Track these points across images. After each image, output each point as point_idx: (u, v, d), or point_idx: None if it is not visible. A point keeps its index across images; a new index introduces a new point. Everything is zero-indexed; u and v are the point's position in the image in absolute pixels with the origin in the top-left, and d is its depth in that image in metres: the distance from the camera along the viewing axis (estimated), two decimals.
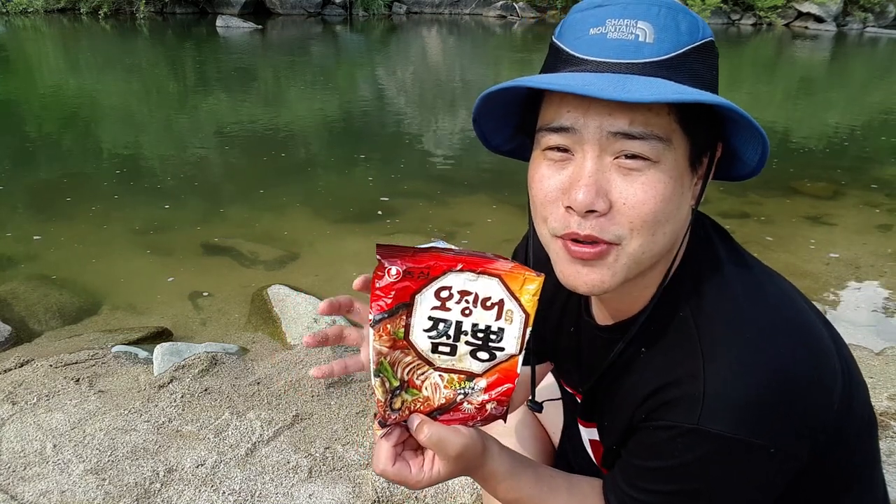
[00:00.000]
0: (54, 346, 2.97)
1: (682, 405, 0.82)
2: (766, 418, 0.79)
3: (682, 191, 0.82)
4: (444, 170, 5.98)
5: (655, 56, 0.76)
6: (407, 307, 0.80)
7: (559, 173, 0.82)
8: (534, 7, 25.03)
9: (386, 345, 0.81)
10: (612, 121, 0.76)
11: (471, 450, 0.85)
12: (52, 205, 4.79)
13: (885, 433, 2.29)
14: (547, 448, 1.43)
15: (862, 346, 3.05)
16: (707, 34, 0.81)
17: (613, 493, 0.94)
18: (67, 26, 18.25)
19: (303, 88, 10.69)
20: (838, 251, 4.37)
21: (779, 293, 0.89)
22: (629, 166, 0.78)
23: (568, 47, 0.81)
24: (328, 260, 3.99)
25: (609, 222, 0.80)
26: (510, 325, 0.81)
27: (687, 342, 0.85)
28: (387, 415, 0.84)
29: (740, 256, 0.92)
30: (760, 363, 0.80)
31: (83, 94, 9.27)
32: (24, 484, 1.94)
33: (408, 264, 0.79)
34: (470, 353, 0.82)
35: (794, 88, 12.55)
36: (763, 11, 25.24)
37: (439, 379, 0.84)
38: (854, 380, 0.91)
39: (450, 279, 0.79)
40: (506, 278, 0.79)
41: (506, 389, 0.84)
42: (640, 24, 0.77)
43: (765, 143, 0.80)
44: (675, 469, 0.84)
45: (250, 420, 2.26)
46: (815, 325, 0.87)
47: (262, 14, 21.54)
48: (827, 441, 0.85)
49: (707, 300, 0.86)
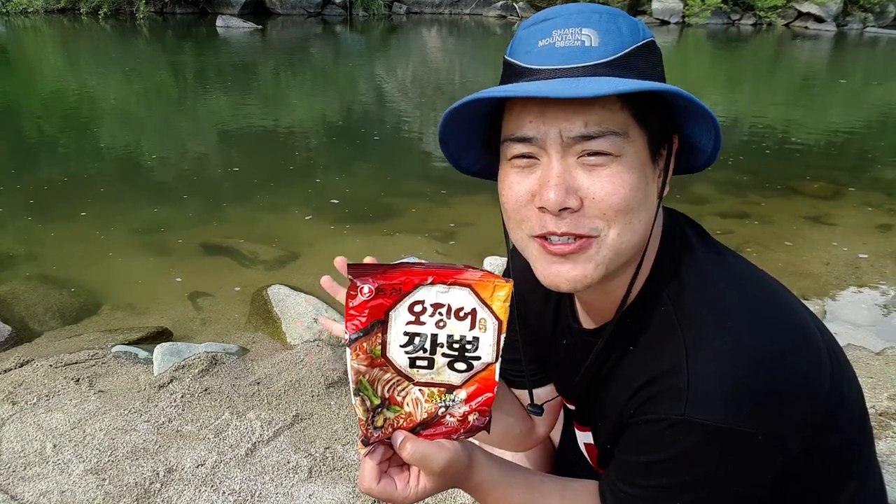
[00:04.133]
0: (54, 346, 2.97)
1: (667, 398, 0.83)
2: (751, 406, 0.79)
3: (646, 180, 0.84)
4: (444, 170, 5.98)
5: (602, 58, 0.80)
6: (382, 324, 0.81)
7: (527, 178, 0.84)
8: (534, 7, 25.02)
9: (364, 363, 0.82)
10: (569, 126, 0.79)
11: (455, 463, 0.86)
12: (53, 205, 4.79)
13: (885, 433, 2.29)
14: (547, 449, 1.43)
15: (862, 347, 3.05)
16: (647, 35, 0.84)
17: (609, 491, 0.94)
18: (67, 26, 18.25)
19: (303, 88, 10.69)
20: (838, 251, 4.37)
21: (758, 284, 0.90)
22: (592, 163, 0.81)
23: (519, 61, 0.84)
24: (328, 260, 3.94)
25: (583, 217, 0.82)
26: (484, 333, 0.82)
27: (670, 335, 0.86)
28: (369, 433, 0.85)
29: (715, 249, 0.94)
30: (744, 351, 0.80)
31: (83, 95, 9.27)
32: (24, 484, 1.94)
33: (379, 281, 0.80)
34: (447, 365, 0.83)
35: (794, 89, 12.54)
36: (763, 11, 25.24)
37: (420, 394, 0.84)
38: (843, 367, 0.92)
39: (422, 293, 0.80)
40: (476, 287, 0.80)
41: (486, 399, 0.85)
42: (584, 30, 0.80)
43: (716, 126, 0.83)
44: (666, 462, 0.85)
45: (250, 420, 2.26)
46: (798, 312, 0.88)
47: (262, 14, 21.55)
48: (818, 427, 0.85)
49: (687, 293, 0.88)
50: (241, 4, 20.86)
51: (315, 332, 3.01)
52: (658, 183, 0.88)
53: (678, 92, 0.77)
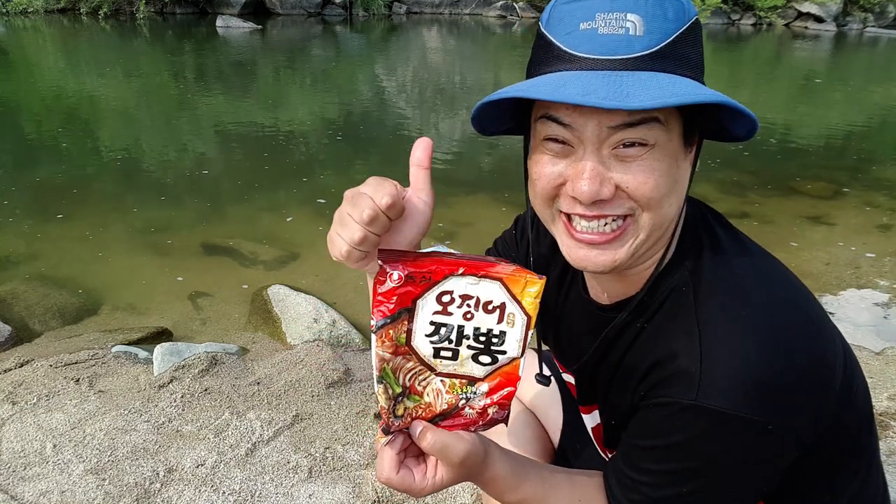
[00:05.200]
0: (54, 346, 2.96)
1: (679, 381, 0.82)
2: (765, 395, 0.78)
3: (678, 164, 0.84)
4: (444, 170, 5.98)
5: (647, 49, 0.78)
6: (409, 312, 0.80)
7: (560, 163, 0.84)
8: (534, 7, 25.02)
9: (388, 351, 0.81)
10: (610, 117, 0.78)
11: (473, 456, 0.85)
12: (53, 205, 4.79)
13: (885, 433, 2.29)
14: (547, 448, 1.43)
15: (862, 346, 3.05)
16: (692, 13, 0.82)
17: (615, 477, 0.94)
18: (67, 26, 18.24)
19: (303, 88, 10.69)
20: (838, 251, 4.37)
21: (777, 273, 0.90)
22: (627, 154, 0.80)
23: (560, 42, 0.81)
24: (328, 260, 3.95)
25: (615, 203, 0.82)
26: (512, 328, 0.80)
27: (686, 317, 0.85)
28: (390, 422, 0.84)
29: (737, 237, 0.94)
30: (760, 340, 0.80)
31: (83, 94, 9.27)
32: (24, 484, 1.94)
33: (410, 269, 0.78)
34: (472, 358, 0.82)
35: (794, 88, 12.54)
36: (763, 11, 25.25)
37: (441, 384, 0.83)
38: (854, 368, 0.91)
39: (451, 283, 0.79)
40: (507, 281, 0.79)
41: (507, 393, 0.84)
42: (629, 16, 0.77)
43: (753, 122, 0.81)
44: (673, 447, 0.84)
45: (250, 420, 2.25)
46: (815, 304, 0.88)
47: (262, 14, 21.54)
48: (827, 426, 0.85)
49: (706, 277, 0.88)
50: (241, 4, 20.85)
51: (315, 332, 3.01)
52: (690, 162, 0.88)
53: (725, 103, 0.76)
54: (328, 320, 3.07)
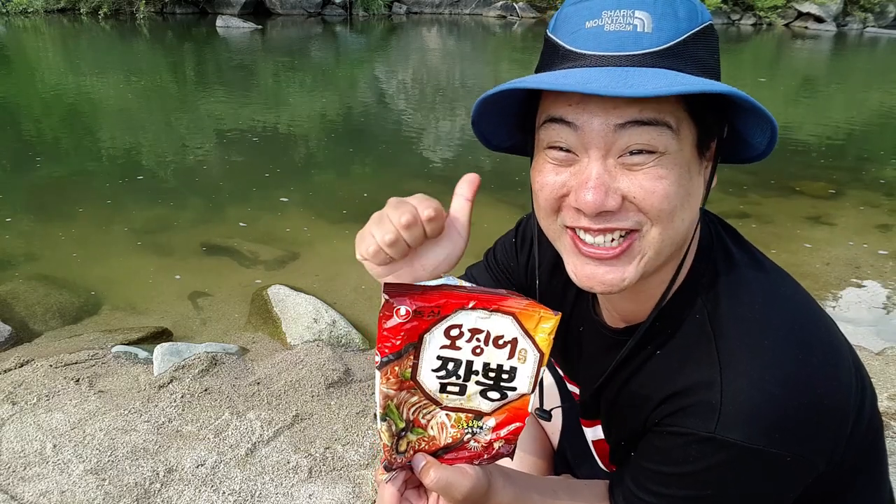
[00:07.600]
0: (54, 346, 2.96)
1: (698, 413, 0.80)
2: (787, 429, 0.77)
3: (690, 176, 0.79)
4: (445, 170, 5.98)
5: (655, 46, 0.74)
6: (415, 347, 0.76)
7: (564, 172, 0.80)
8: (534, 7, 25.03)
9: (393, 387, 0.78)
10: (618, 113, 0.74)
11: (477, 490, 0.83)
12: (53, 205, 4.79)
13: (886, 433, 2.29)
14: (547, 448, 1.43)
15: (862, 347, 3.05)
16: (706, 18, 0.78)
17: (621, 493, 0.93)
18: (67, 26, 18.24)
19: (303, 89, 10.69)
20: (839, 251, 4.37)
21: (796, 298, 0.87)
22: (634, 162, 0.76)
23: (565, 42, 0.79)
24: (328, 260, 3.99)
25: (622, 216, 0.78)
26: (523, 364, 0.77)
27: (704, 346, 0.83)
28: (392, 459, 0.82)
29: (753, 256, 0.91)
30: (781, 373, 0.78)
31: (83, 94, 9.27)
32: (24, 484, 1.94)
33: (417, 303, 0.75)
34: (480, 393, 0.79)
35: (794, 89, 12.54)
36: (763, 11, 25.25)
37: (446, 418, 0.81)
38: (864, 385, 0.90)
39: (460, 317, 0.76)
40: (520, 316, 0.76)
41: (515, 428, 0.82)
42: (637, 13, 0.74)
43: (773, 127, 0.78)
44: (687, 475, 0.83)
45: (250, 420, 2.25)
46: (833, 334, 0.85)
47: (262, 14, 21.54)
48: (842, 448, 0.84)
49: (723, 303, 0.84)
50: (241, 4, 20.85)
51: (315, 332, 3.01)
52: (705, 176, 0.83)
53: (741, 96, 0.73)
54: (328, 320, 3.07)
